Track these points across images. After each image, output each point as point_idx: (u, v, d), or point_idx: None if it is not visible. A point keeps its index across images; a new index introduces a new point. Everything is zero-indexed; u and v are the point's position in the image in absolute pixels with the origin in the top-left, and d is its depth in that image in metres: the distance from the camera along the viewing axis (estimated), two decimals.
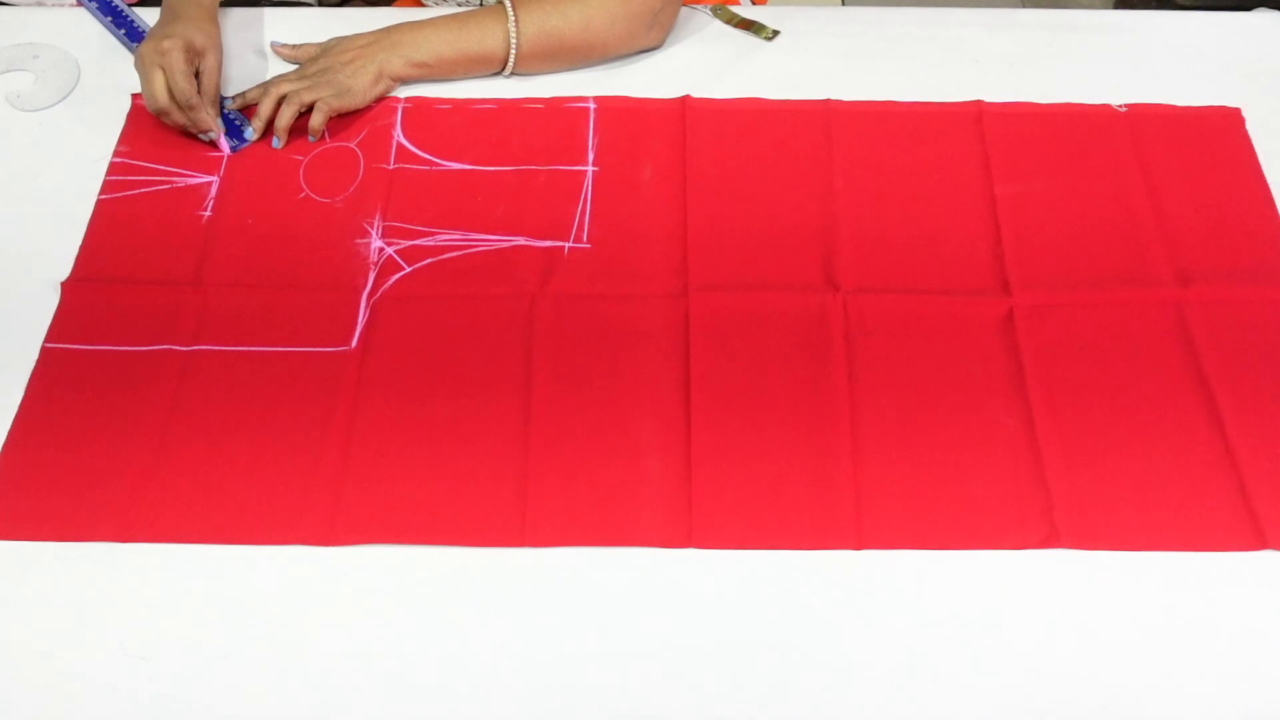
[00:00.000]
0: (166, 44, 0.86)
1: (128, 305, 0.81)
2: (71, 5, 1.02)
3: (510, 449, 0.75)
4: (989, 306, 0.82)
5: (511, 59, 0.93)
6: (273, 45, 0.97)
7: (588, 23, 0.93)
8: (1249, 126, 0.94)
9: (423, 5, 1.07)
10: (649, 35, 0.96)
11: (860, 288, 0.83)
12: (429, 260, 0.84)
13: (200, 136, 0.90)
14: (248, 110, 0.93)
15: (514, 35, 0.92)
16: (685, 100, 0.94)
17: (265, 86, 0.92)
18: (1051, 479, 0.74)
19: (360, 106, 0.92)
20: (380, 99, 0.93)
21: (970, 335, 0.81)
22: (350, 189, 0.89)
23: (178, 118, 0.88)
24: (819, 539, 0.72)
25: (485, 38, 0.93)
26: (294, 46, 0.97)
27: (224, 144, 0.90)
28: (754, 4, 1.10)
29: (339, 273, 0.83)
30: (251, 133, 0.90)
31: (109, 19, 0.99)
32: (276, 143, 0.90)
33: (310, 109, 0.90)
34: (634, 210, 0.88)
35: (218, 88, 0.91)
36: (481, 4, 1.00)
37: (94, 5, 1.00)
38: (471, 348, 0.80)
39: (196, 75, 0.89)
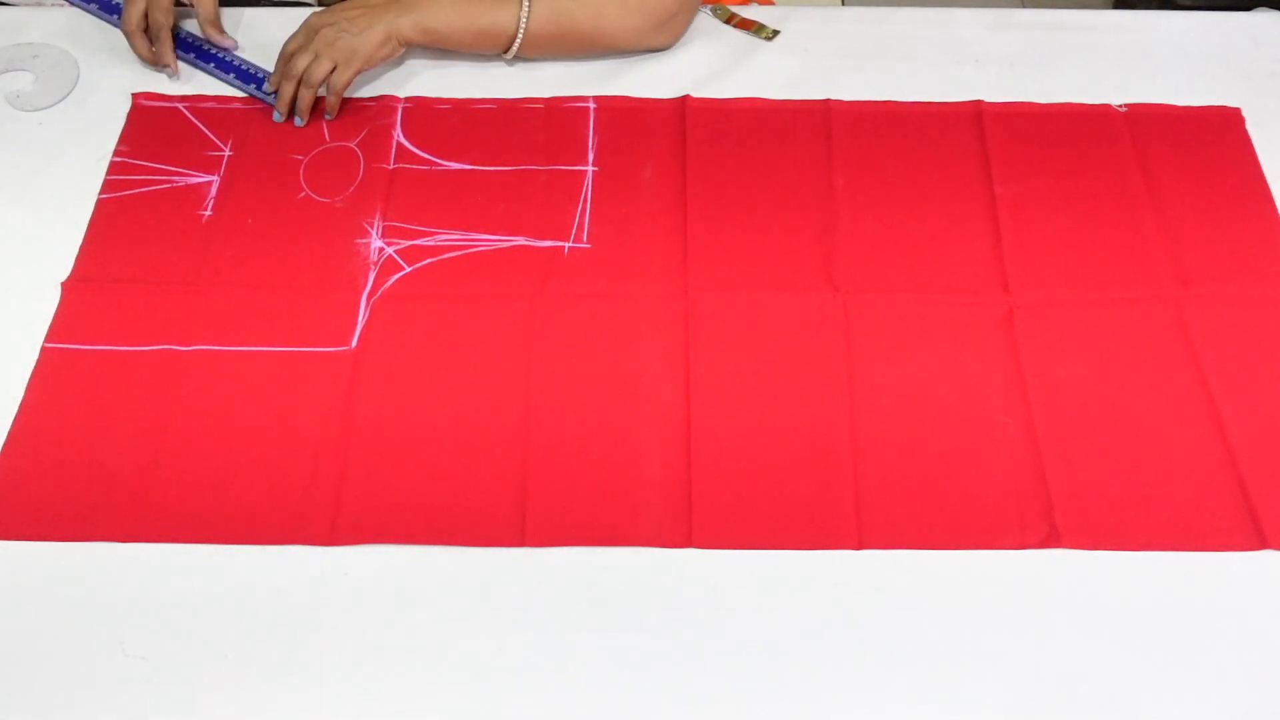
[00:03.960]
0: None
1: (128, 305, 0.81)
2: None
3: (510, 449, 0.75)
4: (989, 306, 0.82)
5: (520, 36, 0.93)
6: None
7: (601, 11, 0.93)
8: (1249, 126, 0.94)
9: None
10: (658, 36, 0.96)
11: (860, 288, 0.83)
12: (429, 260, 0.84)
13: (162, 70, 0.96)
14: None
15: (525, 11, 0.92)
16: (685, 100, 0.94)
17: (280, 55, 0.92)
18: (1051, 479, 0.74)
19: (367, 68, 0.91)
20: (385, 60, 0.93)
21: (970, 335, 0.81)
22: (350, 189, 0.89)
23: (139, 44, 0.95)
24: (819, 539, 0.72)
25: (498, 11, 0.92)
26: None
27: (276, 117, 0.93)
28: (761, 4, 1.09)
29: (339, 273, 0.84)
30: (278, 117, 0.93)
31: (94, 5, 1.01)
32: (299, 121, 0.92)
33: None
34: (634, 210, 0.88)
35: (215, 13, 0.97)
36: None
37: (92, 6, 1.01)
38: (471, 348, 0.80)
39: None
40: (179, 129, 0.92)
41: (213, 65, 0.96)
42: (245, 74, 0.95)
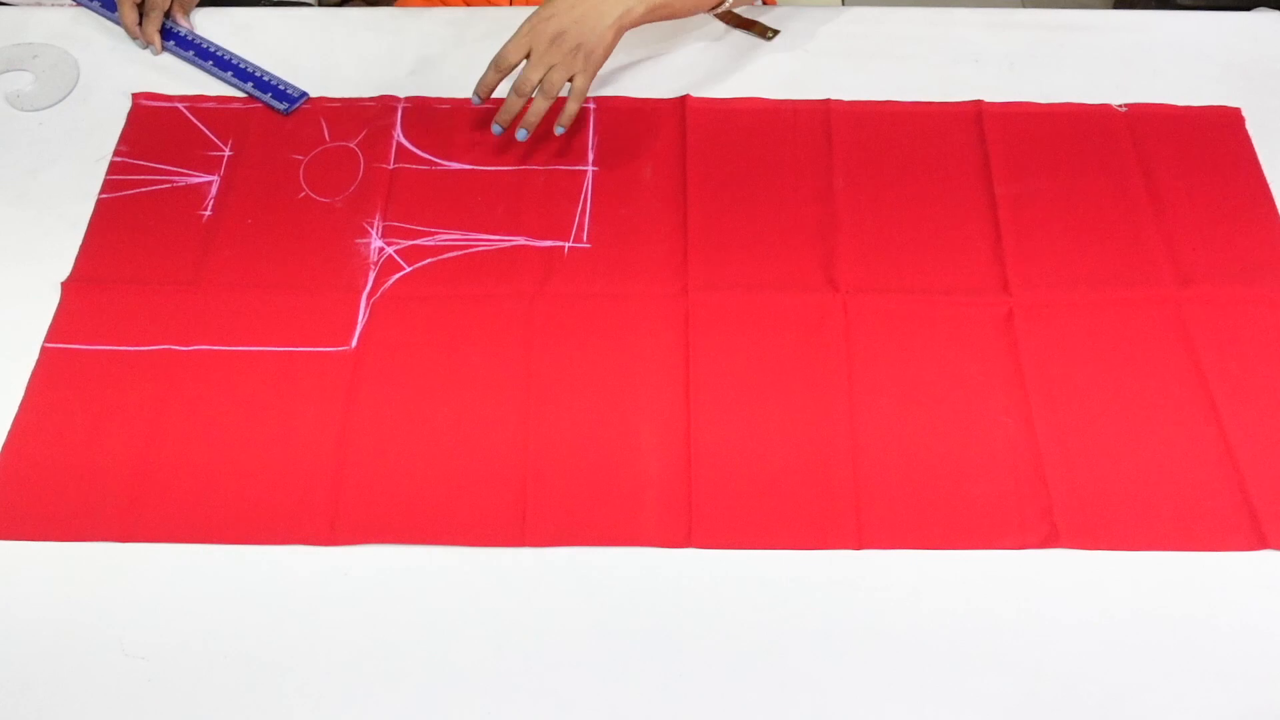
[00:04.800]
0: None
1: (128, 305, 0.81)
2: (70, 4, 1.02)
3: (510, 449, 0.75)
4: (989, 306, 0.82)
5: None
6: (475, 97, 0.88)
7: None
8: (1249, 126, 0.94)
9: (425, 5, 1.06)
10: None
11: (860, 288, 0.83)
12: (429, 260, 0.84)
13: (138, 43, 0.99)
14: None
15: None
16: (685, 100, 0.94)
17: (496, 65, 0.84)
18: (1051, 479, 0.74)
19: (600, 66, 0.85)
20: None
21: (970, 335, 0.81)
22: (350, 189, 0.89)
23: (128, 13, 0.97)
24: (819, 539, 0.72)
25: None
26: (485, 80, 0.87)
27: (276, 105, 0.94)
28: (764, 3, 1.09)
29: (339, 273, 0.84)
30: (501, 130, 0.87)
31: (97, 3, 1.01)
32: (522, 135, 0.86)
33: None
34: (634, 210, 0.88)
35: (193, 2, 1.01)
36: None
37: (94, 4, 1.01)
38: (471, 348, 0.80)
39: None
40: (179, 129, 0.92)
41: (211, 63, 0.96)
42: (242, 72, 0.95)
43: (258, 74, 0.95)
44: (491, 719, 0.65)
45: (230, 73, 0.95)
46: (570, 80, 0.84)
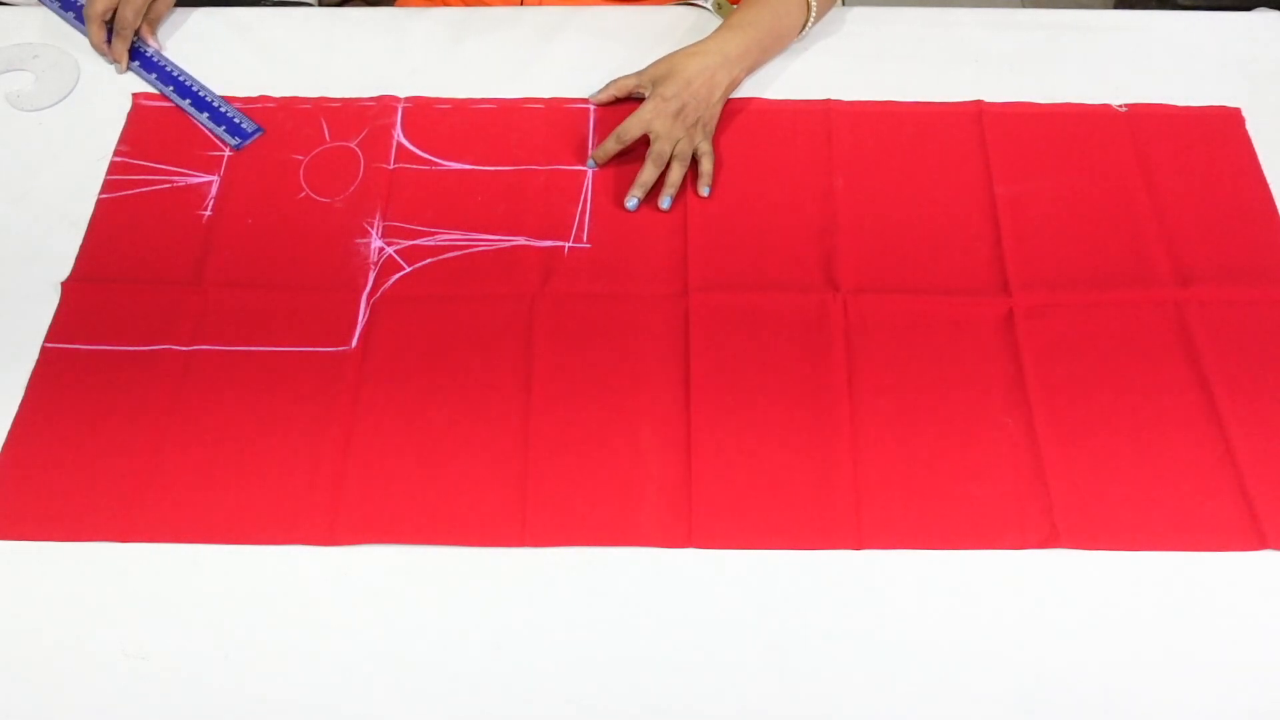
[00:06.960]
0: None
1: (128, 305, 0.81)
2: None
3: (510, 449, 0.75)
4: (989, 306, 0.82)
5: (811, 19, 0.97)
6: (591, 100, 0.94)
7: None
8: (1249, 126, 0.94)
9: (425, 5, 1.06)
10: None
11: (860, 288, 0.83)
12: (429, 260, 0.84)
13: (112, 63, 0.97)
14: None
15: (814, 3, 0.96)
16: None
17: (619, 137, 0.88)
18: (1051, 479, 0.74)
19: None
20: None
21: (970, 335, 0.81)
22: (350, 189, 0.89)
23: (95, 32, 0.96)
24: (819, 539, 0.72)
25: (791, 11, 0.95)
26: (604, 91, 0.93)
27: (227, 139, 0.91)
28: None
29: (339, 273, 0.84)
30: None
31: (56, 3, 1.01)
32: (666, 203, 0.87)
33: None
34: (634, 210, 0.88)
35: (161, 18, 1.00)
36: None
37: (54, 4, 1.00)
38: (471, 348, 0.80)
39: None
40: (179, 129, 0.92)
41: (171, 89, 0.94)
42: (200, 101, 0.93)
43: (215, 104, 0.93)
44: (491, 719, 0.65)
45: (189, 100, 0.94)
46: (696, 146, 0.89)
